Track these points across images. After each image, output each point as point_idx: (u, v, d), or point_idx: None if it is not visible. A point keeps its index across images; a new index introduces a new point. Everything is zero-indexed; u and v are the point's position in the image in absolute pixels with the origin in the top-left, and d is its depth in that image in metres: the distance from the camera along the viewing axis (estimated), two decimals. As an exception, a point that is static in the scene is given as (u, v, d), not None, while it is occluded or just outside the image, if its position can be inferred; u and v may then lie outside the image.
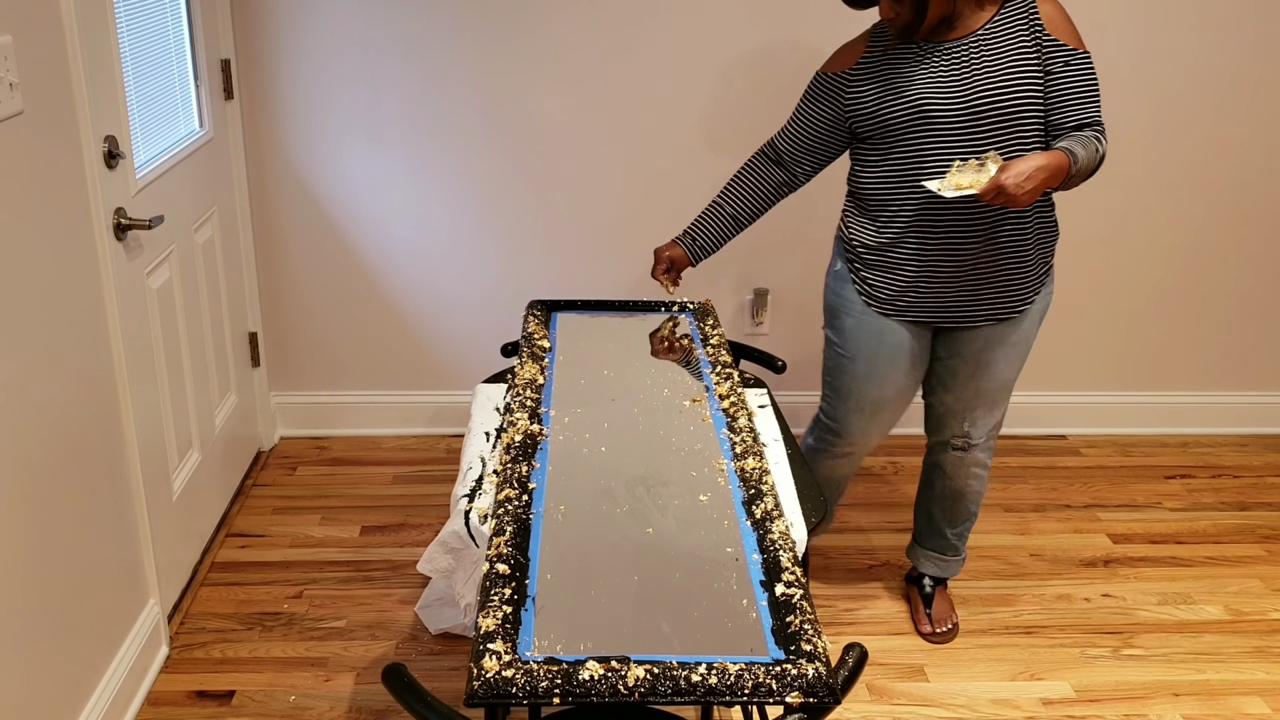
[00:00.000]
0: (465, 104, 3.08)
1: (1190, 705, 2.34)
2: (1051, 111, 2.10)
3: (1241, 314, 3.42)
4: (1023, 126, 2.09)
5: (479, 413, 2.07)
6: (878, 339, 2.28)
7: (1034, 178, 1.94)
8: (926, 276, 2.20)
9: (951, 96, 2.08)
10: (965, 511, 2.52)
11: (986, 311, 2.24)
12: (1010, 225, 2.16)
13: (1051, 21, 2.09)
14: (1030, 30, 2.08)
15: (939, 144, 2.10)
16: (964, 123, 2.08)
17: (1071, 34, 2.10)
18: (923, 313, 2.25)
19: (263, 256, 3.21)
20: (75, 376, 2.03)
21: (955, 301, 2.23)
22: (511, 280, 3.27)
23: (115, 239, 2.18)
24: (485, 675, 1.23)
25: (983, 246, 2.16)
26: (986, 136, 2.09)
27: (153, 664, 2.35)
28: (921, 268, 2.20)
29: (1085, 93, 2.09)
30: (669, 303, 2.41)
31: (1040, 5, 2.10)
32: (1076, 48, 2.09)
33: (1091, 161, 2.05)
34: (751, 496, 1.63)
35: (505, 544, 1.48)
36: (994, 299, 2.23)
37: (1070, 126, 2.10)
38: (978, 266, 2.18)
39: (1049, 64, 2.08)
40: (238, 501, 3.04)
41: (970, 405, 2.36)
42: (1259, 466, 3.35)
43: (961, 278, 2.20)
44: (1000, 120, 2.08)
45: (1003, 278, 2.20)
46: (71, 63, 2.02)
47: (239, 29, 2.98)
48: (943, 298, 2.23)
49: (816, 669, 1.26)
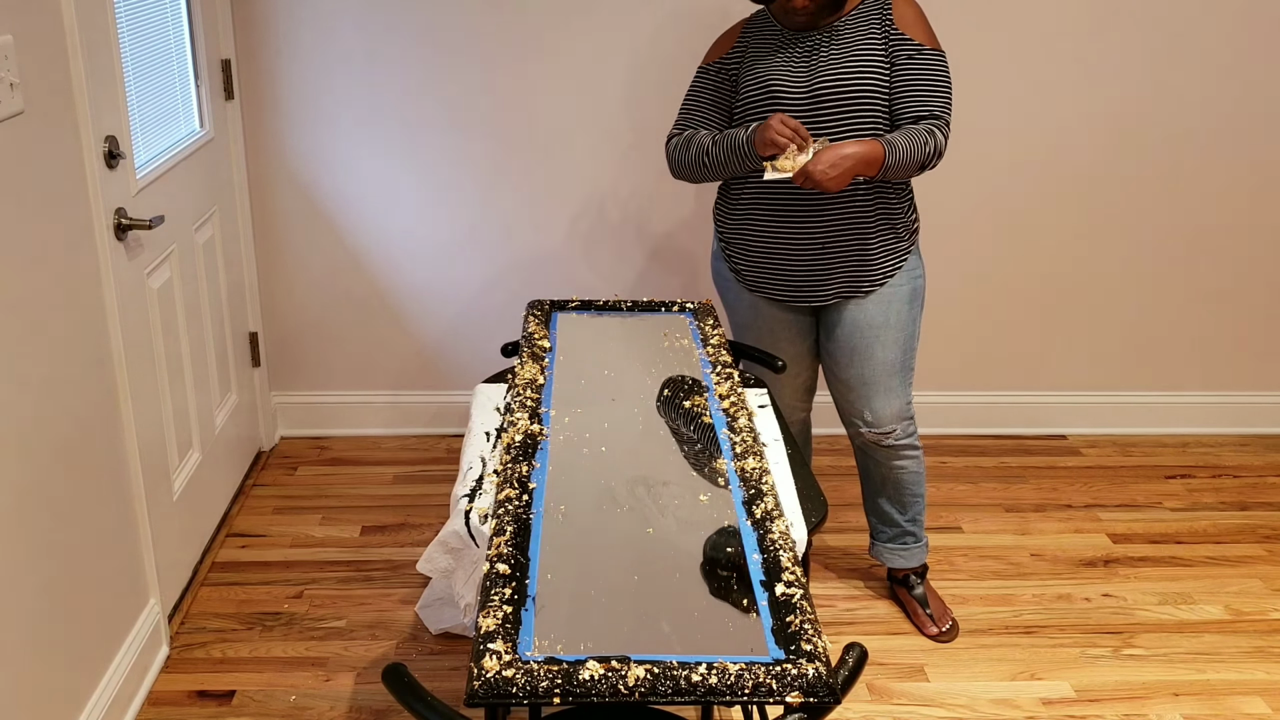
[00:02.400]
0: (465, 104, 3.08)
1: (1190, 705, 2.34)
2: (895, 103, 2.22)
3: (1241, 314, 3.42)
4: (862, 115, 2.21)
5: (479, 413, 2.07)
6: (754, 312, 2.46)
7: (840, 165, 2.08)
8: (776, 252, 2.35)
9: (797, 81, 2.23)
10: (910, 494, 2.55)
11: (835, 289, 2.36)
12: (849, 207, 2.28)
13: (903, 19, 2.23)
14: (881, 26, 2.22)
15: None
16: (806, 107, 2.22)
17: (923, 31, 2.22)
18: (779, 290, 2.39)
19: (263, 256, 3.21)
20: (75, 376, 2.03)
21: (804, 279, 2.36)
22: (511, 280, 3.27)
23: (115, 239, 2.19)
24: (485, 675, 1.23)
25: (823, 227, 2.29)
26: (827, 122, 2.22)
27: (153, 664, 2.36)
28: (770, 244, 2.35)
29: (928, 87, 2.20)
30: (669, 302, 2.41)
31: (895, 4, 2.24)
32: (925, 44, 2.21)
33: (919, 153, 2.16)
34: (751, 496, 1.63)
35: (505, 544, 1.48)
36: (842, 277, 2.34)
37: (909, 118, 2.21)
38: (822, 246, 2.31)
39: (895, 57, 2.21)
40: (238, 501, 3.04)
41: (859, 393, 2.43)
42: (1259, 466, 3.35)
43: (807, 256, 2.33)
44: (840, 107, 2.21)
45: (848, 257, 2.32)
46: (71, 63, 2.02)
47: (239, 29, 2.98)
48: (792, 275, 2.36)
49: (816, 669, 1.26)
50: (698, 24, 3.03)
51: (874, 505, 2.60)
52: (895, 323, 2.38)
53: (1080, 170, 3.22)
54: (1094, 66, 3.11)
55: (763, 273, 2.39)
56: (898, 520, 2.57)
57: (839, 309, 2.39)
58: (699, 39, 3.04)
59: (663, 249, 3.26)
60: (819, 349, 2.51)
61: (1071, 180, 3.23)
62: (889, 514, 2.58)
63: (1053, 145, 3.17)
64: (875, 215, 2.30)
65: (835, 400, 2.52)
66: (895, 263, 2.36)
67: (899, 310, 2.38)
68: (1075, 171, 3.22)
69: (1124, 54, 3.10)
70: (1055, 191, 3.23)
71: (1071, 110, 3.15)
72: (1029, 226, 3.27)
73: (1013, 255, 3.32)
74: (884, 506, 2.57)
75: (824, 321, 2.45)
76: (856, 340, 2.39)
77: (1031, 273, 3.32)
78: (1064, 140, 3.17)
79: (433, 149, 3.12)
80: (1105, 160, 3.22)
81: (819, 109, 2.22)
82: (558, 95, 3.09)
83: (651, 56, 3.06)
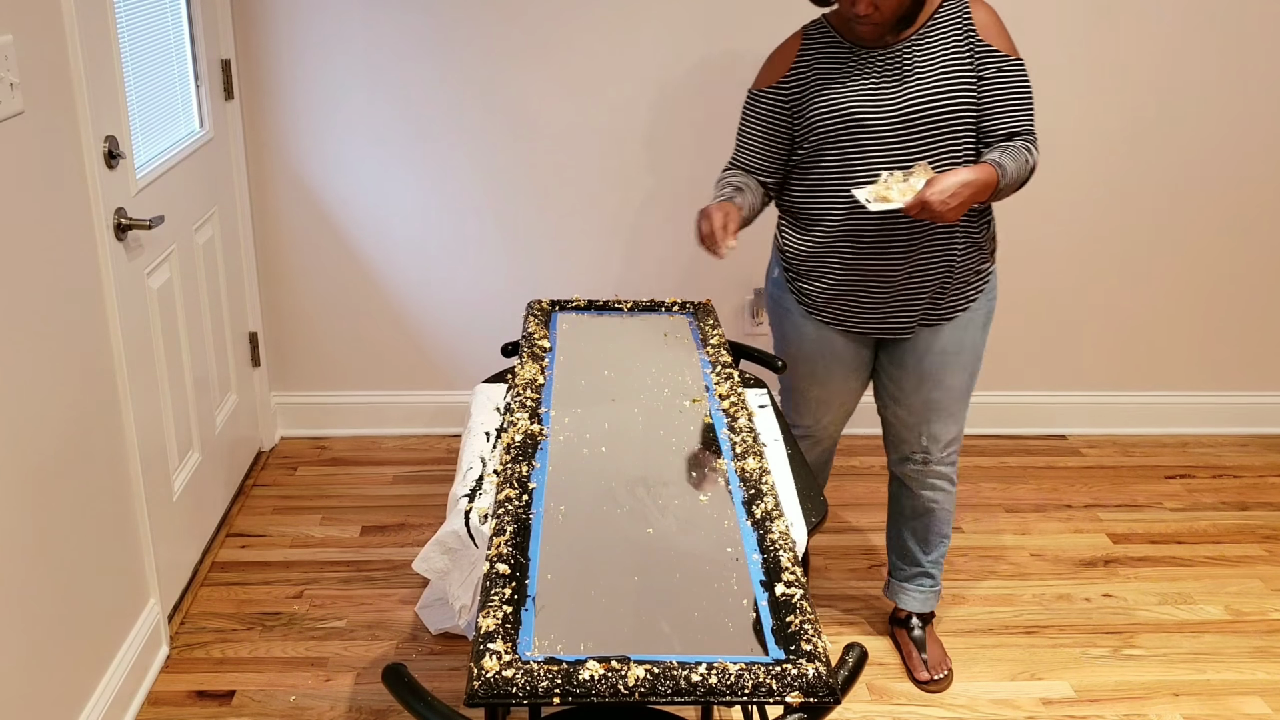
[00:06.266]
0: (466, 103, 3.08)
1: (1190, 705, 2.34)
2: (983, 119, 2.07)
3: (1241, 314, 3.42)
4: (954, 135, 2.06)
5: (479, 413, 2.07)
6: (815, 344, 2.29)
7: (959, 194, 1.92)
8: (855, 286, 2.19)
9: (882, 104, 2.05)
10: (937, 533, 2.44)
11: (919, 319, 2.22)
12: (939, 237, 2.12)
13: (985, 27, 2.06)
14: (964, 35, 2.05)
15: (868, 153, 2.07)
16: (894, 131, 2.05)
17: (1005, 40, 2.07)
18: (855, 322, 2.23)
19: (263, 256, 3.21)
20: (75, 376, 2.03)
21: (886, 312, 2.21)
22: (511, 280, 3.27)
23: (115, 239, 2.19)
24: (485, 675, 1.23)
25: (911, 258, 2.13)
26: (917, 145, 2.06)
27: (153, 664, 2.36)
28: (850, 277, 2.18)
29: (1018, 101, 2.06)
30: (669, 302, 2.41)
31: (974, 10, 2.06)
32: (1010, 54, 2.06)
33: (1021, 173, 2.02)
34: (751, 496, 1.63)
35: (505, 544, 1.48)
36: (927, 307, 2.20)
37: (1001, 135, 2.07)
38: (907, 278, 2.16)
39: (982, 70, 2.05)
40: (238, 501, 3.04)
41: (923, 418, 2.32)
42: (1259, 466, 3.35)
43: (891, 289, 2.17)
44: (931, 129, 2.05)
45: (933, 289, 2.18)
46: (71, 63, 2.02)
47: (239, 29, 2.98)
48: (873, 308, 2.20)
49: (816, 669, 1.26)
50: (699, 25, 3.03)
51: (898, 541, 2.49)
52: (969, 347, 2.27)
53: (1079, 172, 3.22)
54: (1097, 68, 3.11)
55: (840, 305, 2.22)
56: (919, 559, 2.46)
57: (912, 336, 2.25)
58: (700, 39, 3.05)
59: (663, 249, 3.26)
60: (876, 375, 2.37)
61: (1070, 182, 3.23)
62: (912, 551, 2.46)
63: (1049, 147, 3.17)
64: (963, 239, 2.16)
65: (889, 426, 2.39)
66: (979, 285, 2.24)
67: (974, 334, 2.26)
68: (1074, 174, 3.22)
69: (1126, 56, 3.10)
70: (1053, 193, 3.23)
71: (1071, 114, 3.15)
72: (1028, 227, 3.26)
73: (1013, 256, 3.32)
74: (908, 542, 2.47)
75: (890, 348, 2.30)
76: (929, 366, 2.26)
77: (1031, 273, 3.32)
78: (1060, 142, 3.17)
79: (433, 148, 3.12)
80: (1104, 162, 3.22)
81: (909, 133, 2.05)
82: (558, 95, 3.09)
83: (653, 57, 3.06)
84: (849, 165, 2.09)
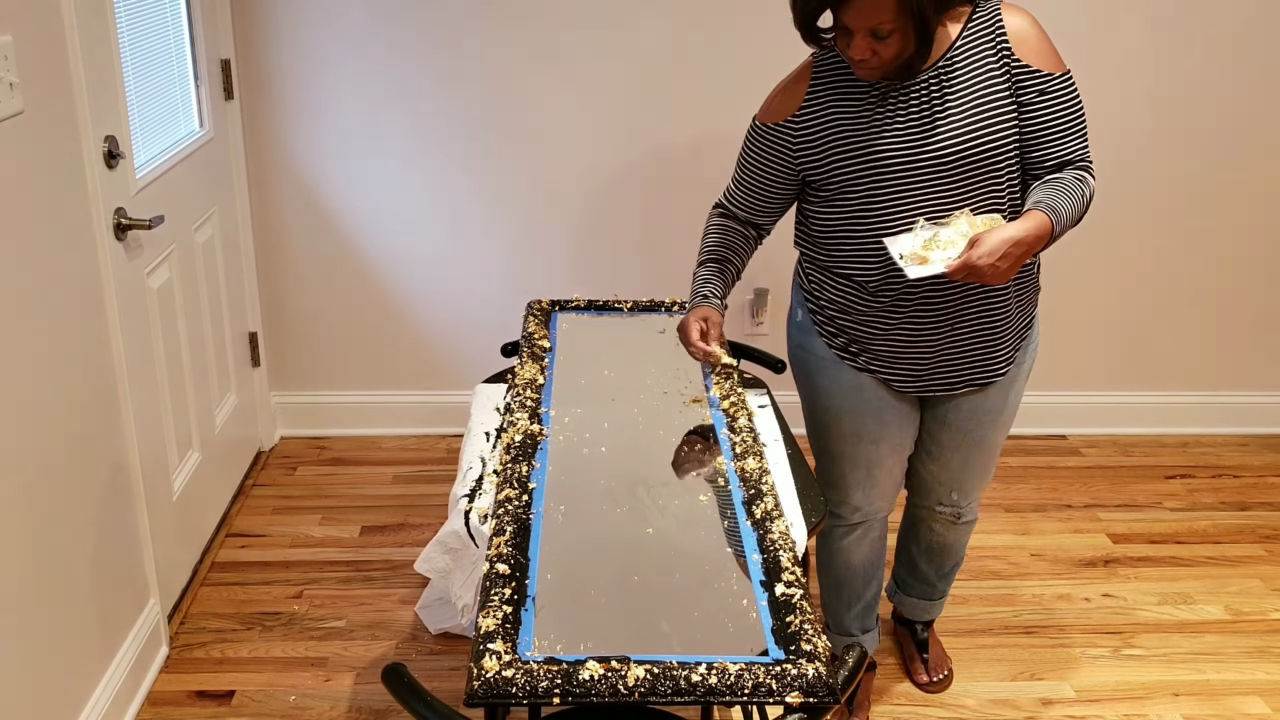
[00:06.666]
0: (465, 103, 3.08)
1: (1190, 705, 2.34)
2: (1027, 149, 1.82)
3: (1241, 314, 3.41)
4: (995, 174, 1.81)
5: (479, 413, 2.07)
6: (857, 394, 2.02)
7: (1009, 254, 1.69)
8: (892, 343, 1.95)
9: (911, 145, 1.78)
10: (953, 559, 2.33)
11: (962, 380, 1.99)
12: (984, 295, 1.90)
13: (1021, 40, 1.78)
14: (998, 54, 1.78)
15: (898, 199, 1.82)
16: (927, 175, 1.80)
17: (1046, 52, 1.79)
18: (893, 378, 1.99)
19: (263, 256, 3.21)
20: (75, 376, 2.03)
21: (925, 371, 1.98)
22: (511, 280, 3.27)
23: (115, 239, 2.18)
24: (485, 675, 1.23)
25: (952, 316, 1.91)
26: (954, 188, 1.80)
27: (153, 664, 2.35)
28: (885, 333, 1.94)
29: (1066, 125, 1.80)
30: (669, 302, 2.41)
31: (1007, 19, 1.79)
32: (1054, 70, 1.78)
33: (1077, 212, 1.77)
34: (751, 496, 1.63)
35: (505, 544, 1.48)
36: (969, 368, 1.97)
37: (1050, 165, 1.82)
38: (948, 335, 1.93)
39: (1022, 94, 1.78)
40: (238, 501, 3.04)
41: (958, 476, 2.15)
42: (1259, 466, 3.35)
43: (931, 347, 1.94)
44: (969, 169, 1.79)
45: (978, 345, 1.95)
46: (71, 63, 2.02)
47: (239, 29, 2.98)
48: (912, 366, 1.97)
49: (816, 669, 1.26)
50: (702, 26, 3.03)
51: (910, 563, 2.36)
52: (1012, 404, 2.07)
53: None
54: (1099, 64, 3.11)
55: (878, 358, 1.98)
56: (932, 580, 2.35)
57: (951, 397, 2.03)
58: (702, 40, 3.04)
59: (663, 249, 3.25)
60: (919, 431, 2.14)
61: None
62: (925, 573, 2.34)
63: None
64: (1011, 294, 1.93)
65: (918, 476, 2.19)
66: (1025, 334, 2.02)
67: (1018, 390, 2.06)
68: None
69: (1124, 55, 3.10)
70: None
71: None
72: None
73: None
74: (922, 566, 2.34)
75: (934, 405, 2.06)
76: (972, 427, 2.05)
77: (1031, 273, 3.32)
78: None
79: (433, 149, 3.12)
80: (1104, 163, 3.22)
81: (945, 176, 1.79)
82: (558, 95, 3.09)
83: (654, 58, 3.06)
84: (877, 214, 1.84)
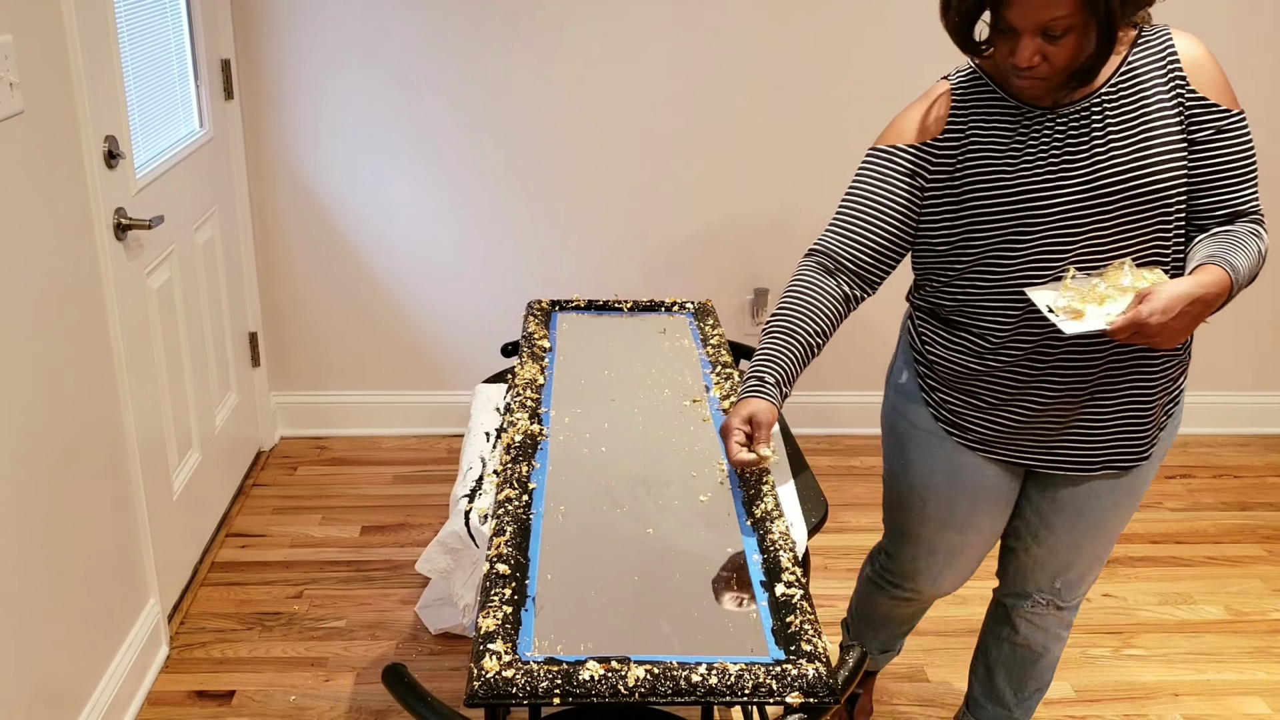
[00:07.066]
0: (466, 103, 3.08)
1: (1190, 705, 2.34)
2: (1196, 195, 1.58)
3: (1241, 314, 3.41)
4: (1162, 218, 1.57)
5: (479, 413, 2.07)
6: (953, 476, 1.79)
7: (1186, 312, 1.45)
8: (1022, 408, 1.69)
9: (1068, 179, 1.55)
10: (1037, 680, 1.99)
11: (1098, 461, 1.72)
12: (1136, 358, 1.65)
13: (1198, 70, 1.55)
14: (1170, 83, 1.55)
15: (1047, 244, 1.59)
16: (1084, 215, 1.56)
17: (1224, 87, 1.56)
18: (1014, 451, 1.74)
19: (263, 256, 3.21)
20: (75, 376, 2.03)
21: (1057, 444, 1.72)
22: (511, 280, 3.27)
23: (115, 239, 2.19)
24: (485, 675, 1.23)
25: (1095, 384, 1.66)
26: (1114, 233, 1.58)
27: (153, 664, 2.35)
28: (1016, 397, 1.69)
29: (1240, 169, 1.57)
30: (669, 302, 2.41)
31: (1179, 44, 1.56)
32: (1230, 106, 1.56)
33: (1253, 270, 1.53)
34: (751, 496, 1.63)
35: (505, 544, 1.48)
36: (1107, 447, 1.71)
37: (1220, 216, 1.58)
38: (1085, 405, 1.68)
39: (1195, 130, 1.55)
40: (238, 501, 3.04)
41: (1066, 562, 1.84)
42: (1259, 466, 3.35)
43: (1068, 416, 1.69)
44: (1133, 211, 1.56)
45: (1122, 420, 1.69)
46: (71, 63, 2.02)
47: (239, 29, 2.98)
48: (1041, 437, 1.71)
49: (816, 669, 1.26)
50: (703, 26, 3.03)
51: (987, 679, 2.05)
52: (1141, 486, 1.78)
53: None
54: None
55: (999, 427, 1.72)
56: (1009, 703, 2.02)
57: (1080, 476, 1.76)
58: (704, 41, 3.04)
59: (663, 249, 3.26)
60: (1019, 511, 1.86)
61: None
62: (1001, 693, 2.02)
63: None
64: (1168, 358, 1.68)
65: (1015, 558, 1.90)
66: (1171, 408, 1.76)
67: (1153, 469, 1.79)
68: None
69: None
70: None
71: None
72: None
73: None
74: (999, 683, 2.02)
75: (1045, 479, 1.79)
76: (1090, 508, 1.77)
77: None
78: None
79: (433, 148, 3.12)
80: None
81: (1102, 216, 1.56)
82: (559, 95, 3.09)
83: (656, 58, 3.06)
84: (1019, 258, 1.61)
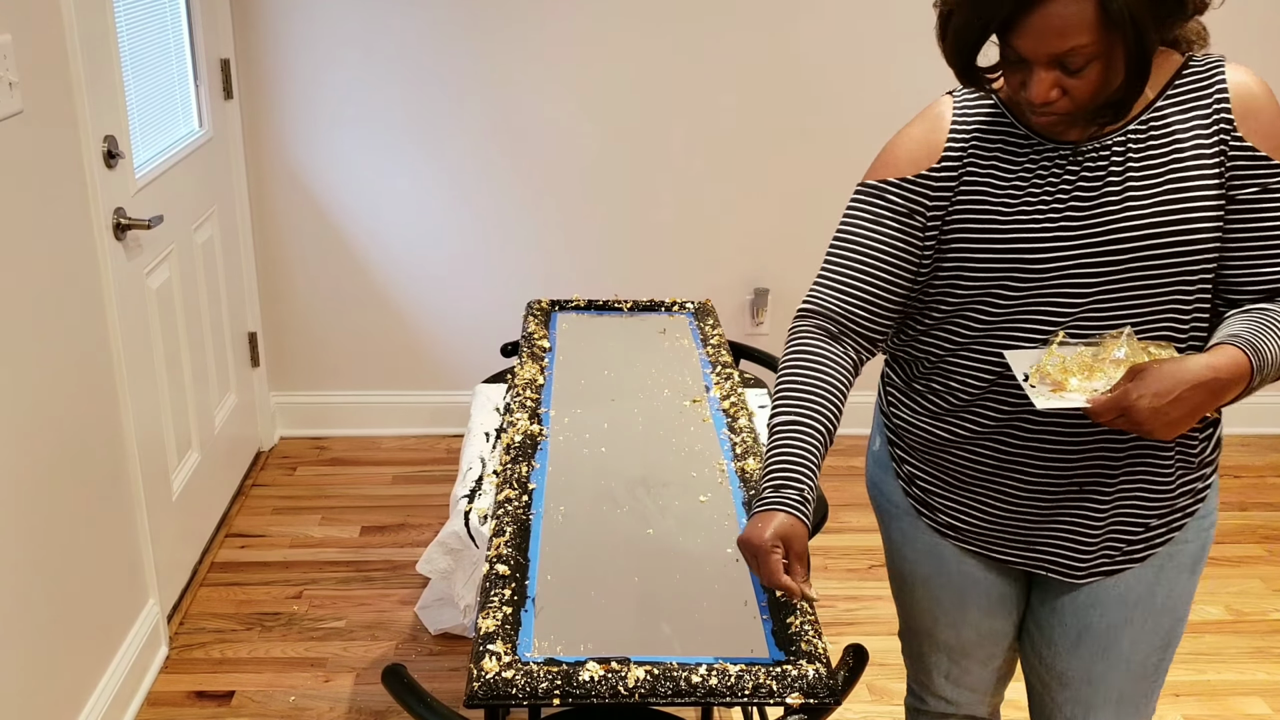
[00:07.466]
0: (465, 104, 3.08)
1: (1190, 705, 2.34)
2: (1229, 262, 1.29)
3: (1242, 314, 3.41)
4: (1183, 287, 1.28)
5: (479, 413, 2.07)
6: (935, 561, 1.51)
7: (1185, 399, 1.18)
8: (997, 492, 1.41)
9: (1075, 224, 1.27)
10: None
11: (1086, 560, 1.42)
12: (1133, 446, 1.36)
13: (1250, 112, 1.26)
14: (1214, 125, 1.26)
15: (1044, 300, 1.31)
16: (1088, 267, 1.28)
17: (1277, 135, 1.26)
18: (993, 544, 1.45)
19: (263, 256, 3.21)
20: (75, 376, 2.03)
21: (1041, 538, 1.42)
22: (511, 280, 3.27)
23: (115, 239, 2.18)
24: (485, 676, 1.23)
25: (1091, 467, 1.37)
26: (1120, 293, 1.29)
27: (152, 664, 2.35)
28: (990, 477, 1.41)
29: None
30: (669, 302, 2.41)
31: (1232, 79, 1.27)
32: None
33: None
34: (751, 497, 1.63)
35: (505, 544, 1.48)
36: (1095, 545, 1.41)
37: (1257, 292, 1.29)
38: (1070, 495, 1.39)
39: (1235, 184, 1.26)
40: (237, 501, 3.04)
41: (1080, 693, 1.50)
42: (1259, 466, 3.35)
43: (1052, 507, 1.40)
44: (1149, 269, 1.27)
45: (1122, 509, 1.39)
46: (71, 63, 2.01)
47: (239, 29, 2.98)
48: (1022, 531, 1.43)
49: (816, 670, 1.26)
50: (704, 26, 3.03)
51: None
52: (1163, 600, 1.43)
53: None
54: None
55: (975, 523, 1.44)
56: None
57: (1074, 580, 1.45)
58: (705, 41, 3.04)
59: (663, 249, 3.25)
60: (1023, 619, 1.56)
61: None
62: None
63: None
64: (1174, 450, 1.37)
65: (1031, 695, 1.60)
66: (1190, 507, 1.41)
67: (1173, 580, 1.43)
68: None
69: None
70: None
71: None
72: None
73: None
74: None
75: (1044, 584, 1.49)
76: (1093, 620, 1.45)
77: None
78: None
79: (433, 148, 3.12)
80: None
81: (1110, 270, 1.27)
82: (558, 95, 3.09)
83: (657, 57, 3.06)
84: (1003, 311, 1.33)
